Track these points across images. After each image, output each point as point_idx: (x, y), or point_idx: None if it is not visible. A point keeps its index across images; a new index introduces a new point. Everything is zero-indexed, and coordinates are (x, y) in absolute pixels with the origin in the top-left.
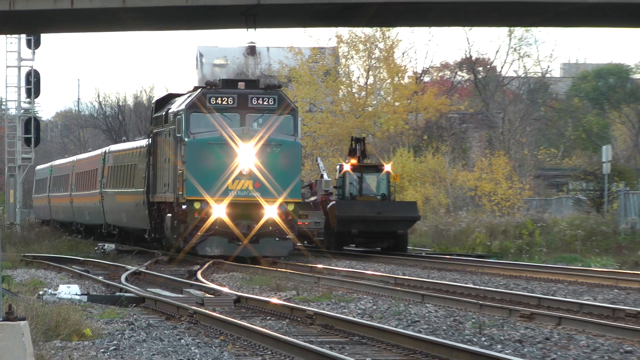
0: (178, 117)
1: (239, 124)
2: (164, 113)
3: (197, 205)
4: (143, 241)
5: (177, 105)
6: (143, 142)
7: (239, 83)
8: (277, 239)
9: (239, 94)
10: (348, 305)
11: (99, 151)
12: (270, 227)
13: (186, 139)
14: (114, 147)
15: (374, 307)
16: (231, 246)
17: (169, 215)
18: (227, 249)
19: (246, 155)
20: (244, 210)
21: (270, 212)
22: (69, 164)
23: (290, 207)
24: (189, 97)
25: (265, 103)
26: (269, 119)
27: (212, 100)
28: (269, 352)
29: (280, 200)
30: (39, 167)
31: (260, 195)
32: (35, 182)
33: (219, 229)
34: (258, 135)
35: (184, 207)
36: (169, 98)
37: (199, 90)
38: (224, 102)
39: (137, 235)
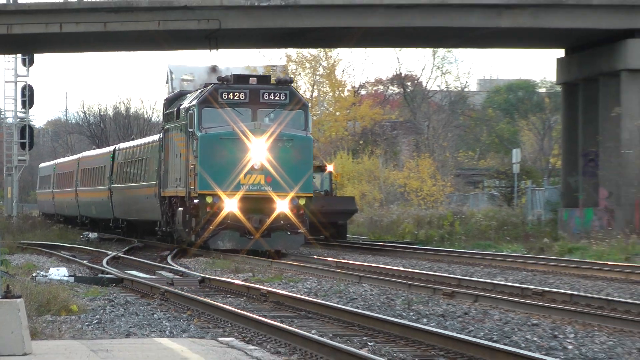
0: (190, 112)
1: (251, 118)
2: (175, 109)
3: (209, 199)
4: (153, 234)
5: (188, 101)
6: (155, 137)
7: (251, 78)
8: (288, 232)
9: (251, 89)
10: (296, 285)
11: (106, 149)
12: (282, 221)
13: (198, 134)
14: (124, 145)
15: (319, 286)
16: (243, 240)
17: (181, 209)
18: (239, 243)
19: (258, 150)
20: (256, 205)
21: (282, 206)
22: (74, 161)
23: (302, 202)
24: (200, 92)
25: (276, 98)
26: (280, 114)
27: (224, 96)
28: (229, 325)
29: (291, 194)
30: (42, 165)
31: (272, 189)
32: (39, 179)
33: (231, 223)
34: (270, 130)
35: (195, 201)
36: (179, 95)
37: (211, 85)
38: (235, 97)
39: (147, 228)
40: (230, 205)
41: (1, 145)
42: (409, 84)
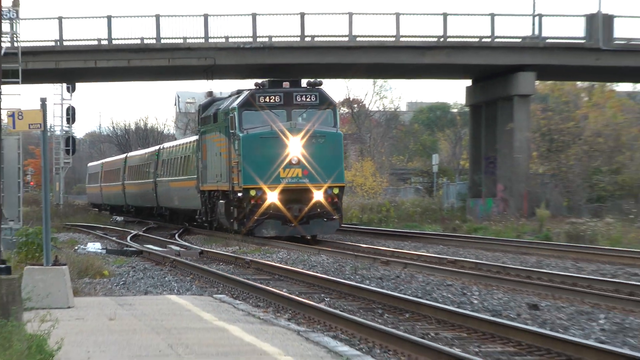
0: (231, 115)
1: (286, 118)
2: (212, 113)
3: (252, 192)
4: (193, 220)
5: (227, 105)
6: (194, 137)
7: (284, 83)
8: (324, 219)
9: (285, 92)
10: (271, 256)
11: (151, 149)
12: (318, 210)
13: (240, 134)
14: (167, 145)
15: (288, 257)
16: (284, 228)
17: (222, 201)
18: (280, 230)
19: (295, 147)
20: (295, 196)
21: (318, 196)
22: (121, 160)
23: (335, 191)
24: (237, 97)
25: (308, 99)
26: (312, 113)
27: (261, 99)
28: (221, 286)
29: (326, 185)
30: (90, 164)
31: (309, 181)
32: (88, 176)
33: (273, 212)
34: (305, 129)
35: (239, 194)
36: (212, 101)
37: (249, 90)
38: (271, 100)
39: (187, 215)
40: (272, 196)
41: (51, 152)
42: (355, 105)
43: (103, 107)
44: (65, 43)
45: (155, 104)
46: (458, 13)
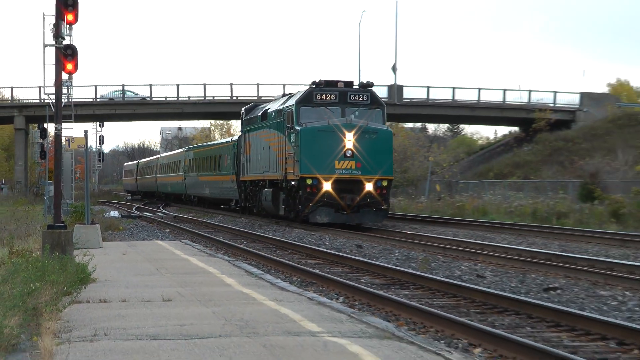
0: (288, 110)
1: (340, 115)
2: (259, 114)
3: (309, 181)
4: (215, 205)
5: (280, 105)
6: (225, 140)
7: (338, 83)
8: (374, 209)
9: (340, 91)
10: (212, 218)
11: (179, 150)
12: (369, 200)
13: (298, 128)
14: (193, 147)
15: (224, 218)
16: (337, 215)
17: (269, 190)
18: (334, 218)
19: (350, 141)
20: (347, 186)
21: (369, 187)
22: (154, 159)
23: (384, 183)
24: (289, 96)
25: (360, 99)
26: (364, 112)
27: (317, 97)
28: (186, 235)
29: (376, 177)
30: (126, 163)
31: (361, 173)
32: (124, 172)
33: (327, 201)
34: (358, 125)
35: (293, 182)
36: (255, 106)
37: (307, 89)
38: (327, 98)
39: (217, 202)
40: (327, 186)
41: (90, 161)
42: None
43: (120, 134)
44: (98, 99)
45: (148, 133)
46: (294, 83)
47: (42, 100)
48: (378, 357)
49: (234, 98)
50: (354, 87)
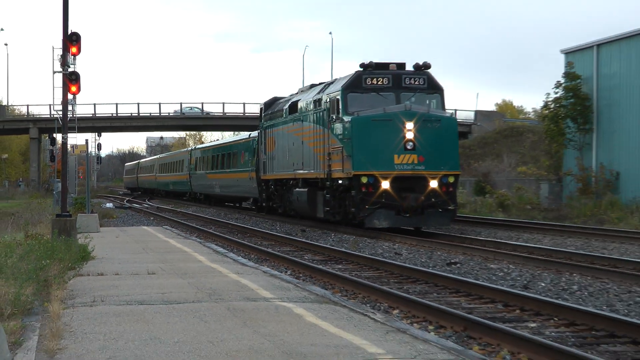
0: (332, 99)
1: (395, 101)
2: (285, 107)
3: (364, 179)
4: (220, 202)
5: (313, 94)
6: (244, 136)
7: (390, 65)
8: (440, 210)
9: (394, 74)
10: (187, 209)
11: (183, 150)
12: (433, 199)
13: (349, 118)
14: (199, 146)
15: (197, 209)
16: (398, 218)
17: (303, 189)
18: (394, 221)
19: (410, 131)
20: (409, 184)
21: (433, 184)
22: (154, 159)
23: (451, 179)
24: (327, 85)
25: (416, 83)
26: (421, 97)
27: (367, 81)
28: (166, 222)
29: (442, 173)
30: (127, 164)
31: (424, 168)
32: (125, 171)
33: (385, 201)
34: (419, 112)
35: (340, 181)
36: (275, 100)
37: (354, 72)
38: (379, 82)
39: (226, 200)
40: (385, 184)
41: (90, 163)
42: None
43: (114, 142)
44: (97, 114)
45: (137, 141)
46: (253, 102)
47: (51, 115)
48: (317, 317)
49: (205, 113)
50: (407, 70)
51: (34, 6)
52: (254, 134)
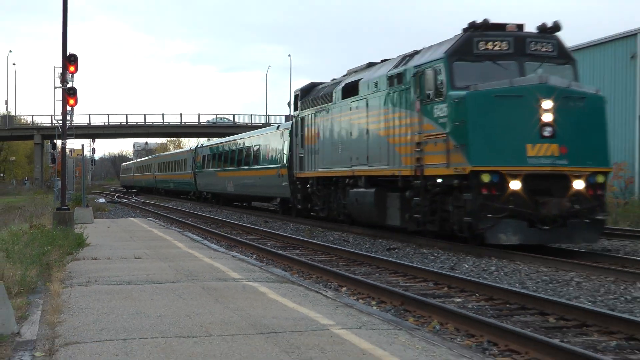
0: (425, 71)
1: (517, 74)
2: (338, 88)
3: (485, 177)
4: (228, 202)
5: (390, 69)
6: (271, 128)
7: (507, 26)
8: (586, 220)
9: (515, 36)
10: (167, 203)
11: (185, 149)
12: (578, 206)
13: (460, 93)
14: (207, 144)
15: (177, 204)
16: (532, 232)
17: (367, 190)
18: (526, 236)
19: (548, 112)
20: (546, 184)
21: (578, 184)
22: (152, 159)
23: (600, 179)
24: (417, 53)
25: (544, 49)
26: (550, 69)
27: (480, 46)
28: (150, 214)
29: (589, 169)
30: (124, 164)
31: (567, 163)
32: (122, 170)
33: (514, 208)
34: (558, 87)
35: (439, 180)
36: (313, 86)
37: (462, 34)
38: (496, 48)
39: (240, 200)
40: (515, 184)
41: (85, 165)
42: None
43: (106, 146)
44: (92, 123)
45: (125, 146)
46: (222, 113)
47: (52, 124)
48: (278, 294)
49: (183, 123)
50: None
51: (39, 29)
52: (286, 124)
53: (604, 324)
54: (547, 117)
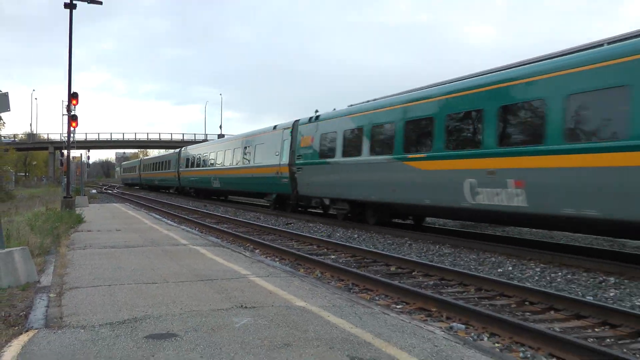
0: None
1: None
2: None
3: None
4: (207, 196)
5: None
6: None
7: None
8: None
9: None
10: (138, 193)
11: (171, 152)
12: None
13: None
14: (193, 146)
15: (146, 193)
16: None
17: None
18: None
19: None
20: None
21: None
22: (137, 161)
23: None
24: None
25: None
26: None
27: None
28: (128, 201)
29: None
30: (124, 162)
31: None
32: (122, 169)
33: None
34: None
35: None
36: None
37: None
38: None
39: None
40: None
41: (83, 168)
42: None
43: (98, 155)
44: (87, 139)
45: (109, 154)
46: (175, 132)
47: (61, 139)
48: (213, 254)
49: (149, 139)
50: None
51: (54, 74)
52: (285, 124)
53: (425, 270)
54: None
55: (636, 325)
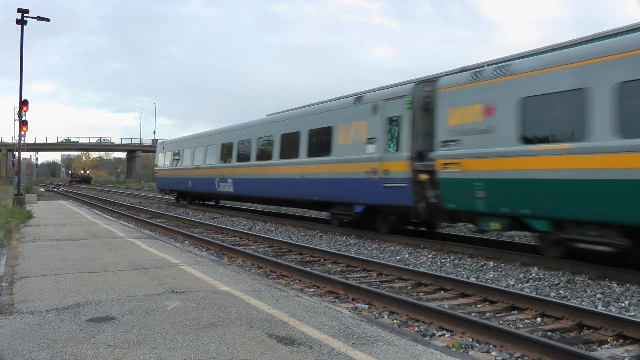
0: None
1: None
2: None
3: None
4: (201, 201)
5: None
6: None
7: None
8: None
9: None
10: (81, 191)
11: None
12: None
13: None
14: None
15: (89, 191)
16: None
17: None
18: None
19: None
20: None
21: None
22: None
23: None
24: None
25: None
26: None
27: None
28: (72, 199)
29: None
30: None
31: None
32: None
33: None
34: None
35: None
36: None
37: None
38: None
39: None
40: None
41: (33, 168)
42: None
43: (45, 157)
44: (36, 142)
45: (57, 155)
46: (115, 137)
47: (13, 142)
48: (147, 245)
49: (90, 143)
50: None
51: (7, 84)
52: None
53: (334, 258)
54: None
55: (510, 301)
